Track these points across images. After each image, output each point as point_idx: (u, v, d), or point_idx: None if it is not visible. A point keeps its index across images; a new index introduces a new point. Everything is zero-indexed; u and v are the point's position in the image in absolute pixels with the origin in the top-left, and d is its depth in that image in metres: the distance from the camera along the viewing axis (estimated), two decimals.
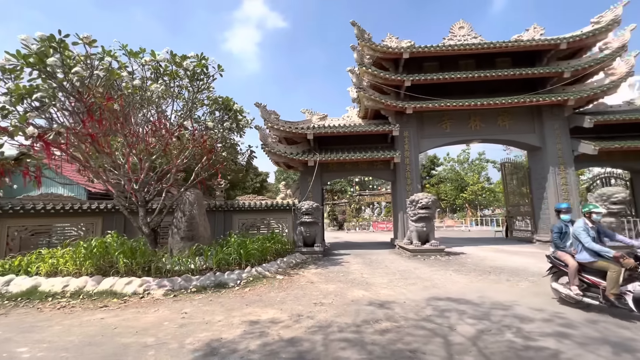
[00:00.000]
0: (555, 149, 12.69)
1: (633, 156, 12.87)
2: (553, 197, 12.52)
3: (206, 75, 8.25)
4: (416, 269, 8.51)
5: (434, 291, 6.06)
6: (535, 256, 10.15)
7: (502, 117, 13.26)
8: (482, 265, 8.70)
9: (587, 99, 12.23)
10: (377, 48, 12.62)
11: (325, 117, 14.00)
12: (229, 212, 13.25)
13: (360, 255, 11.52)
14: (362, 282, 7.02)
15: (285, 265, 9.10)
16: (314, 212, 11.09)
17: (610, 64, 12.29)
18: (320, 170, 13.51)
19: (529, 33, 13.45)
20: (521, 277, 7.17)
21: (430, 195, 10.62)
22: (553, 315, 4.44)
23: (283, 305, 5.41)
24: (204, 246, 8.22)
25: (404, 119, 13.17)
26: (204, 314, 4.98)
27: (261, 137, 12.34)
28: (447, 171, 45.02)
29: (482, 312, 4.70)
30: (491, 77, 12.42)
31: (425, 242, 10.88)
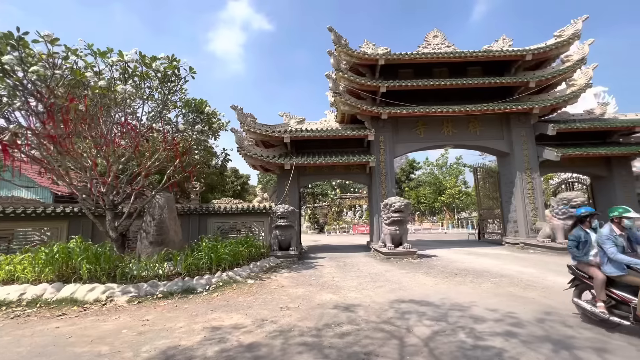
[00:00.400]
0: (522, 154, 13.29)
1: (592, 162, 13.68)
2: (520, 201, 13.09)
3: (177, 77, 8.16)
4: (387, 271, 8.67)
5: (400, 294, 6.20)
6: (502, 258, 10.57)
7: (473, 123, 13.77)
8: (450, 268, 8.97)
9: (550, 107, 12.89)
10: (354, 54, 12.84)
11: (303, 121, 14.08)
12: (204, 215, 13.05)
13: (335, 258, 11.62)
14: (332, 286, 7.09)
15: (258, 269, 9.05)
16: (289, 216, 11.10)
17: (571, 76, 13.03)
18: (298, 174, 13.55)
19: (498, 44, 14.06)
20: (485, 278, 7.45)
21: (403, 199, 10.86)
22: (505, 315, 4.66)
23: (249, 310, 5.39)
24: (173, 251, 8.06)
25: (379, 124, 13.44)
26: (166, 321, 4.90)
27: (237, 140, 12.25)
28: (426, 175, 46.15)
29: (440, 313, 4.86)
30: (462, 85, 12.89)
31: (398, 244, 11.10)
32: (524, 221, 12.93)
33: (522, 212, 13.01)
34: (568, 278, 5.26)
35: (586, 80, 12.52)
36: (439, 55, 13.22)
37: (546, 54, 12.84)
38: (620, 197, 13.22)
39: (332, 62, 12.64)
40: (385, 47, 13.73)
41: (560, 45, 12.69)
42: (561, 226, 11.04)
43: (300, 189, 14.56)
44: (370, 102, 13.52)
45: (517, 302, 5.35)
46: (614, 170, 13.38)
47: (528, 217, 12.92)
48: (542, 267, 8.62)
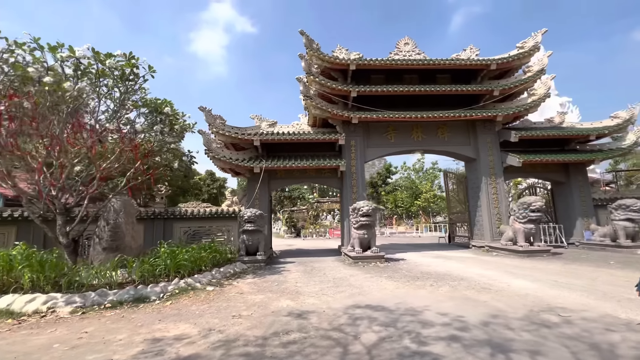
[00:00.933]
0: (488, 160, 13.74)
1: (552, 168, 14.34)
2: (485, 205, 13.51)
3: (136, 75, 7.85)
4: (352, 276, 8.64)
5: (358, 299, 6.17)
6: (466, 261, 10.81)
7: (442, 129, 14.11)
8: (415, 271, 9.06)
9: (513, 115, 13.43)
10: (325, 58, 12.88)
11: (274, 124, 13.94)
12: (170, 220, 12.64)
13: (304, 263, 11.50)
14: (293, 292, 6.96)
15: (221, 275, 8.79)
16: (257, 220, 10.90)
17: (532, 85, 13.65)
18: (268, 177, 13.37)
19: (465, 53, 14.52)
20: (444, 281, 7.56)
21: (371, 203, 10.92)
22: (454, 319, 4.70)
23: (199, 319, 5.18)
24: (128, 257, 7.68)
25: (350, 128, 13.51)
26: (107, 333, 4.61)
27: (205, 142, 11.95)
28: (403, 179, 47.05)
29: (392, 318, 4.85)
30: (431, 91, 13.20)
31: (367, 248, 11.13)
32: (489, 225, 13.34)
33: (487, 216, 13.42)
34: (522, 279, 5.41)
35: (545, 90, 13.14)
36: (409, 62, 13.48)
37: (509, 64, 13.38)
38: (577, 202, 13.92)
39: (304, 65, 12.61)
40: (358, 53, 13.85)
41: (522, 56, 13.27)
42: (522, 229, 11.45)
43: (272, 192, 14.37)
44: (342, 106, 13.59)
45: (469, 306, 5.44)
46: (571, 176, 14.08)
47: (493, 220, 13.34)
48: (501, 270, 8.86)
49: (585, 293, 6.11)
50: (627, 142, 13.69)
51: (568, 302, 5.54)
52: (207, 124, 12.21)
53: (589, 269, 8.69)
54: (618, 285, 6.75)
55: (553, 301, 5.60)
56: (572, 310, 5.06)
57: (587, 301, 5.54)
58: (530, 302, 5.59)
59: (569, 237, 14.07)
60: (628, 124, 13.59)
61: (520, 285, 6.97)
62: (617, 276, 7.69)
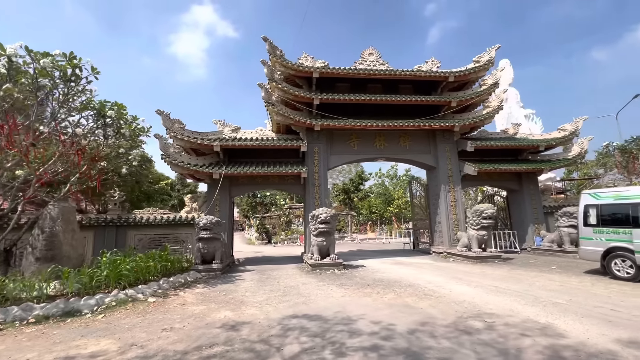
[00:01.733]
0: (447, 169, 14.20)
1: (507, 177, 15.03)
2: (444, 212, 13.92)
3: (77, 77, 7.51)
4: (304, 284, 8.58)
5: (300, 308, 6.11)
6: (422, 267, 11.03)
7: (404, 138, 14.47)
8: (369, 278, 9.13)
9: (469, 125, 13.99)
10: (289, 65, 12.91)
11: (237, 129, 13.76)
12: (123, 227, 12.13)
13: (263, 271, 11.31)
14: (237, 302, 6.80)
15: (169, 285, 8.47)
16: (213, 228, 10.63)
17: (488, 98, 14.31)
18: (229, 184, 13.14)
19: (427, 65, 15.02)
20: (392, 288, 7.65)
21: (330, 210, 10.96)
22: (383, 328, 4.75)
23: (126, 333, 4.94)
24: (64, 268, 7.24)
25: (314, 136, 13.58)
26: (16, 352, 4.29)
27: (161, 147, 11.58)
28: (377, 186, 47.82)
29: (324, 328, 4.83)
30: (392, 101, 13.51)
31: (326, 256, 11.12)
32: (447, 231, 13.74)
33: (445, 222, 13.82)
34: (465, 285, 5.53)
35: (498, 102, 13.83)
36: (372, 72, 13.75)
37: (466, 76, 13.97)
38: (529, 209, 14.64)
39: (266, 71, 12.57)
40: (323, 61, 13.99)
41: (478, 70, 13.90)
42: (475, 236, 11.86)
43: (234, 198, 14.11)
44: (307, 113, 13.64)
45: (405, 313, 5.52)
46: (524, 184, 14.82)
47: (451, 227, 13.75)
48: (450, 276, 9.10)
49: (518, 298, 6.38)
50: (572, 153, 14.63)
51: (499, 307, 5.75)
52: (165, 128, 11.85)
53: (532, 274, 9.10)
54: (551, 289, 7.10)
55: (485, 307, 5.80)
56: (499, 315, 5.26)
57: (516, 306, 5.77)
58: (464, 308, 5.75)
59: (522, 243, 14.75)
60: (573, 136, 14.53)
61: (462, 291, 7.17)
62: (554, 281, 8.10)
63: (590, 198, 8.70)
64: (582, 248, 8.80)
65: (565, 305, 5.74)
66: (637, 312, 5.23)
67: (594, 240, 8.46)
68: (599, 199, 8.49)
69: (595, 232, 8.46)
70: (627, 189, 8.15)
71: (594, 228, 8.50)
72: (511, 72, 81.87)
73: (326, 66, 13.68)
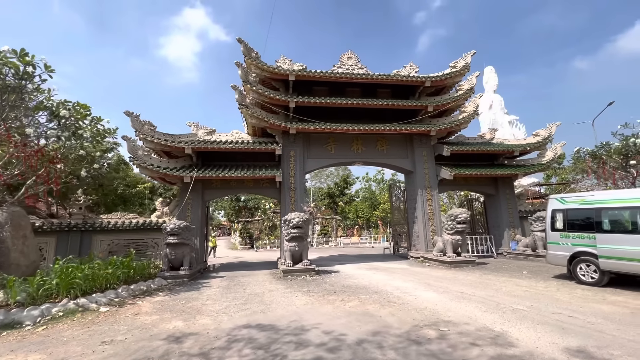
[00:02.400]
0: (423, 173, 14.20)
1: (483, 182, 15.13)
2: (421, 217, 13.87)
3: (28, 75, 7.16)
4: (271, 291, 8.33)
5: (256, 317, 5.87)
6: (395, 272, 10.89)
7: (381, 142, 14.42)
8: (338, 285, 8.93)
9: (445, 130, 14.04)
10: (264, 67, 12.73)
11: (212, 132, 13.47)
12: (88, 232, 11.68)
13: (234, 277, 10.99)
14: (194, 311, 6.51)
15: (129, 293, 8.10)
16: (181, 233, 10.29)
17: (464, 103, 14.42)
18: (202, 187, 12.82)
19: (406, 70, 15.05)
20: (358, 295, 7.48)
21: (303, 215, 10.76)
22: (333, 339, 4.55)
23: (61, 347, 4.62)
24: (9, 277, 6.82)
25: (290, 139, 13.40)
26: None
27: (129, 149, 11.20)
28: (363, 190, 47.95)
29: (272, 339, 4.61)
30: (369, 104, 13.46)
31: (299, 261, 10.89)
32: (424, 236, 13.69)
33: (422, 227, 13.78)
34: (433, 291, 5.36)
35: (474, 107, 13.94)
36: (350, 76, 13.67)
37: (442, 81, 14.06)
38: (504, 213, 14.74)
39: (240, 73, 12.37)
40: (301, 64, 13.88)
41: (454, 75, 14.00)
42: (450, 241, 11.83)
43: (207, 202, 13.77)
44: (283, 116, 13.46)
45: (361, 322, 5.34)
46: (500, 189, 14.93)
47: (427, 231, 13.71)
48: (421, 282, 8.99)
49: (481, 305, 6.28)
50: (546, 158, 14.84)
51: (459, 315, 5.63)
52: (134, 130, 11.49)
53: (501, 279, 9.06)
54: (515, 295, 7.04)
55: (445, 314, 5.67)
56: (456, 323, 5.13)
57: (476, 313, 5.66)
58: (423, 316, 5.61)
59: (499, 247, 14.81)
60: (547, 142, 14.75)
61: (427, 297, 7.05)
62: (521, 286, 8.06)
63: (557, 203, 8.74)
64: (550, 253, 8.82)
65: (525, 312, 5.67)
66: (593, 319, 5.17)
67: (561, 245, 8.48)
68: (565, 203, 8.53)
69: (561, 236, 8.48)
70: (592, 193, 8.21)
71: (560, 233, 8.53)
72: (495, 79, 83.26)
73: (304, 69, 13.57)
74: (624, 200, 7.34)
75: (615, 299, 6.54)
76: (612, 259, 7.31)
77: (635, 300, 6.35)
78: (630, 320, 5.11)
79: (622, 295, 6.81)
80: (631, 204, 7.20)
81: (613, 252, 7.29)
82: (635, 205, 7.13)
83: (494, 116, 72.89)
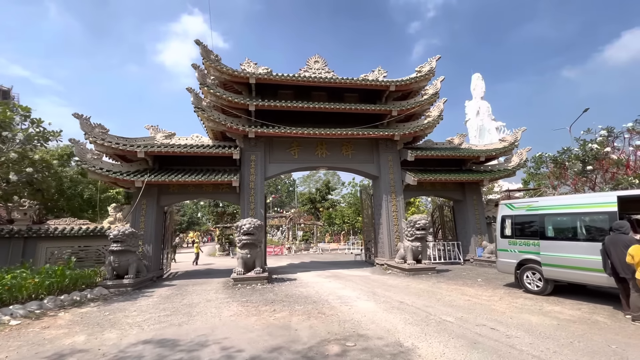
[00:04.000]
0: (389, 178, 13.98)
1: (450, 187, 14.96)
2: (385, 223, 13.62)
3: None
4: (209, 301, 7.95)
5: (167, 330, 5.50)
6: (352, 281, 10.53)
7: (346, 147, 14.20)
8: (283, 294, 8.56)
9: (411, 135, 13.87)
10: (223, 70, 12.47)
11: (171, 135, 13.12)
12: (33, 239, 11.18)
13: (184, 286, 10.55)
14: (109, 324, 6.10)
15: (56, 304, 7.66)
16: (126, 239, 9.87)
17: (429, 108, 14.31)
18: (159, 192, 12.43)
19: (374, 74, 14.91)
20: (294, 305, 7.13)
21: (255, 220, 10.42)
22: (223, 356, 4.22)
23: None
24: None
25: (251, 143, 13.11)
26: None
27: (77, 152, 10.81)
28: (349, 195, 47.62)
29: (162, 356, 4.26)
30: (334, 109, 13.23)
31: (251, 269, 10.52)
32: (388, 242, 13.42)
33: (386, 233, 13.51)
34: (373, 301, 5.00)
35: (438, 112, 13.82)
36: (316, 79, 13.47)
37: (408, 86, 13.94)
38: (472, 219, 14.56)
39: (197, 76, 12.09)
40: (266, 67, 13.66)
41: (419, 79, 13.90)
42: (410, 247, 11.56)
43: (166, 208, 13.33)
44: (245, 120, 13.17)
45: (272, 336, 5.01)
46: (467, 194, 14.76)
47: (392, 238, 13.44)
48: (369, 291, 8.67)
49: (410, 316, 5.99)
50: (512, 164, 14.75)
51: (380, 327, 5.33)
52: (83, 132, 11.08)
53: (451, 288, 8.79)
54: (453, 305, 6.76)
55: (366, 327, 5.37)
56: (369, 337, 4.82)
57: (399, 326, 5.37)
58: (342, 329, 5.29)
59: (466, 254, 14.60)
60: (513, 147, 14.67)
61: (363, 308, 6.74)
62: (466, 295, 7.80)
63: (506, 209, 8.55)
64: (499, 260, 8.60)
65: (450, 324, 5.39)
66: (514, 332, 4.91)
67: (509, 252, 8.27)
68: (513, 209, 8.34)
69: (510, 243, 8.27)
70: (537, 199, 8.03)
71: (509, 239, 8.32)
72: (483, 86, 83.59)
73: (269, 72, 13.32)
74: (565, 207, 7.16)
75: (551, 309, 6.31)
76: (553, 267, 7.11)
77: (570, 311, 6.13)
78: (551, 333, 4.86)
79: (561, 305, 6.58)
80: (572, 210, 7.02)
81: (555, 260, 7.08)
82: (575, 211, 6.95)
83: (481, 122, 73.63)
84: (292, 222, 30.91)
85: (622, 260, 5.45)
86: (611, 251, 5.68)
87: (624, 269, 5.48)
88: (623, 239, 5.58)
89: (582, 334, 4.78)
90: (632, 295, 5.33)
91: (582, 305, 6.50)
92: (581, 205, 6.89)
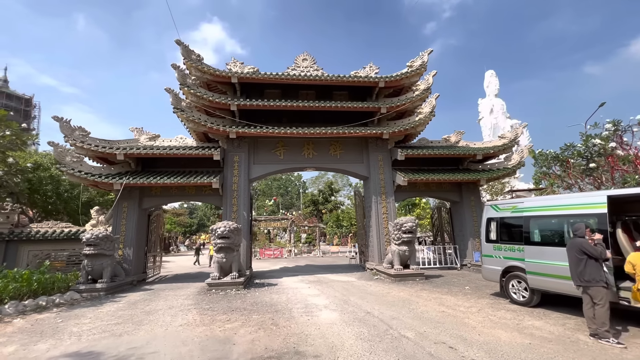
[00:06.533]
0: (379, 179, 13.35)
1: (446, 188, 14.16)
2: (375, 225, 12.99)
3: None
4: (171, 308, 7.61)
5: (102, 342, 5.16)
6: (332, 287, 9.98)
7: (334, 146, 13.67)
8: (252, 302, 8.12)
9: (401, 133, 13.20)
10: (204, 70, 12.23)
11: (155, 137, 12.96)
12: (14, 242, 11.21)
13: (161, 290, 10.27)
14: (55, 332, 5.84)
15: (16, 309, 7.50)
16: (100, 243, 9.69)
17: (420, 104, 13.60)
18: (140, 195, 12.26)
19: (365, 71, 14.33)
20: (255, 315, 6.68)
21: (230, 224, 10.05)
22: None
23: None
24: None
25: (235, 144, 12.79)
26: None
27: (56, 155, 10.77)
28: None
29: None
30: (321, 107, 12.72)
31: (228, 273, 10.16)
32: (378, 245, 12.79)
33: (376, 236, 12.88)
34: (339, 311, 4.58)
35: (430, 109, 13.09)
36: (303, 78, 12.99)
37: (398, 82, 13.29)
38: (469, 221, 13.71)
39: (177, 76, 11.87)
40: (252, 66, 13.32)
41: (411, 75, 13.22)
42: (397, 251, 10.91)
43: (149, 210, 13.16)
44: (230, 121, 12.87)
45: (204, 351, 4.59)
46: (464, 195, 13.92)
47: (382, 241, 12.80)
48: (342, 299, 8.13)
49: (368, 329, 5.45)
50: (512, 162, 13.81)
51: (325, 343, 4.83)
52: (63, 135, 11.05)
53: (432, 297, 8.12)
54: (423, 318, 6.14)
55: (309, 343, 4.87)
56: (305, 356, 4.32)
57: (345, 343, 4.85)
58: (284, 344, 4.82)
59: (464, 258, 13.75)
60: (513, 144, 13.75)
61: (324, 319, 6.23)
62: (444, 305, 7.13)
63: (492, 211, 7.82)
64: (484, 267, 7.88)
65: (406, 341, 4.81)
66: (473, 353, 4.30)
67: (494, 258, 7.55)
68: (498, 211, 7.62)
69: (494, 248, 7.56)
70: (522, 200, 7.27)
71: (493, 244, 7.60)
72: (497, 83, 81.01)
73: (256, 71, 12.96)
74: (551, 208, 6.41)
75: (531, 324, 5.60)
76: (538, 275, 6.37)
77: (551, 327, 5.41)
78: (516, 355, 4.22)
79: (544, 319, 5.85)
80: (558, 211, 6.27)
81: (539, 268, 6.35)
82: (561, 213, 6.20)
83: (495, 120, 71.08)
84: (295, 224, 30.53)
85: (574, 267, 4.99)
86: (568, 257, 5.12)
87: (578, 275, 4.94)
88: (576, 244, 5.00)
89: (552, 358, 4.10)
90: (598, 309, 4.68)
91: (568, 320, 5.76)
92: (568, 206, 6.13)
